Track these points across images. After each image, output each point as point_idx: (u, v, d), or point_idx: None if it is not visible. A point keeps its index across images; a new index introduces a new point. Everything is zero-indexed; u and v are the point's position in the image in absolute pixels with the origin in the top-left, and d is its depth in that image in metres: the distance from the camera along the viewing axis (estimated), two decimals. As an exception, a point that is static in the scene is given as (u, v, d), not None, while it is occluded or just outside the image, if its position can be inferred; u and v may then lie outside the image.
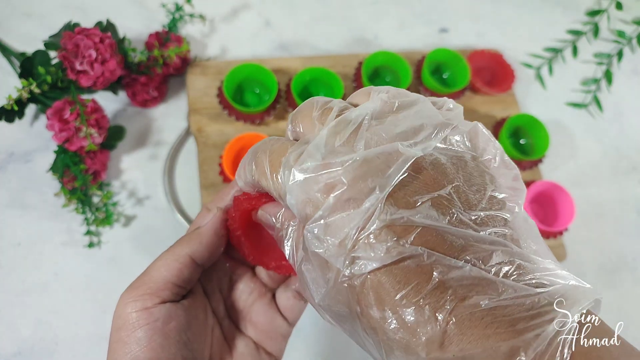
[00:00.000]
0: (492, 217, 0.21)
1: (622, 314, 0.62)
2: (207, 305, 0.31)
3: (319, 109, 0.24)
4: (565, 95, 0.75)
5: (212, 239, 0.29)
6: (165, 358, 0.26)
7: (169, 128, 0.62)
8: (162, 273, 0.28)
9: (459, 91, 0.66)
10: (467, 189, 0.22)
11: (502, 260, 0.20)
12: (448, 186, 0.21)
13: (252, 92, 0.62)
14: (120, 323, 0.27)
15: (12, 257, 0.53)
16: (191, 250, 0.29)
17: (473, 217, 0.21)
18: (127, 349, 0.26)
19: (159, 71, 0.59)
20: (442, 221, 0.20)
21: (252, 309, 0.32)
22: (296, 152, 0.23)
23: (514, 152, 0.62)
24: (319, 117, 0.24)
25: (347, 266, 0.20)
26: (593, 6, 0.81)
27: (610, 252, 0.65)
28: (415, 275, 0.19)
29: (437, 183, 0.21)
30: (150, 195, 0.58)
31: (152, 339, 0.26)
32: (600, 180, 0.69)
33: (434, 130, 0.23)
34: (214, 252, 0.30)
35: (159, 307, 0.27)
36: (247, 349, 0.32)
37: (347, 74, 0.66)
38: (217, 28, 0.69)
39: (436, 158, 0.22)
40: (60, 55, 0.52)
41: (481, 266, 0.20)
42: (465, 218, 0.21)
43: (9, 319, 0.51)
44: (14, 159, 0.57)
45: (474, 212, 0.21)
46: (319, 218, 0.21)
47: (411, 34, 0.74)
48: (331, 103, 0.24)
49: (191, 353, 0.28)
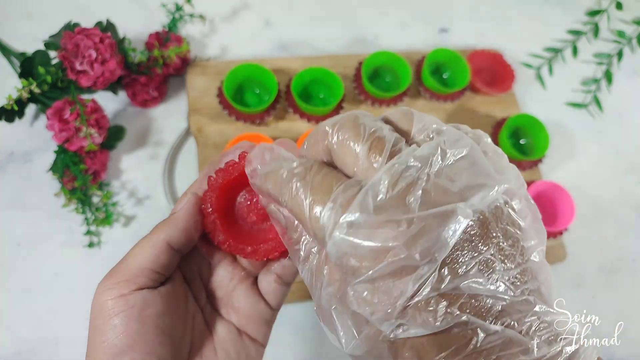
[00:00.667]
0: (525, 271, 0.21)
1: (622, 315, 0.62)
2: (187, 291, 0.31)
3: (367, 139, 0.22)
4: (565, 95, 0.75)
5: (187, 223, 0.29)
6: (142, 344, 0.26)
7: (169, 128, 0.62)
8: (139, 259, 0.27)
9: (459, 91, 0.66)
10: (505, 244, 0.21)
11: (534, 320, 0.21)
12: (492, 247, 0.21)
13: (252, 92, 0.62)
14: (96, 312, 0.27)
15: (12, 257, 0.53)
16: (167, 236, 0.28)
17: (511, 276, 0.21)
18: (103, 337, 0.26)
19: (159, 71, 0.59)
20: (487, 285, 0.20)
21: (234, 295, 0.32)
22: (345, 195, 0.21)
23: (514, 152, 0.62)
24: (368, 151, 0.22)
25: (393, 331, 0.20)
26: (593, 6, 0.81)
27: (610, 252, 0.65)
28: (456, 340, 0.20)
29: (484, 242, 0.21)
30: (150, 195, 0.58)
31: (128, 325, 0.26)
32: (600, 180, 0.69)
33: (494, 192, 0.21)
34: (190, 237, 0.29)
35: (135, 294, 0.27)
36: (230, 334, 0.31)
37: (347, 74, 0.66)
38: (217, 28, 0.69)
39: (482, 213, 0.21)
40: (60, 55, 0.52)
41: (515, 327, 0.20)
42: (505, 280, 0.21)
43: (9, 319, 0.51)
44: (14, 158, 0.57)
45: (512, 270, 0.21)
46: (367, 280, 0.20)
47: (411, 34, 0.74)
48: (380, 131, 0.22)
49: (169, 339, 0.27)
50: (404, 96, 0.65)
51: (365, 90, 0.64)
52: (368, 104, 0.65)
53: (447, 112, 0.67)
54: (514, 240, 0.22)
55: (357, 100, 0.65)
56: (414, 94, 0.68)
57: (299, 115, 0.62)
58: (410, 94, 0.67)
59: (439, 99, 0.66)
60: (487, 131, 0.67)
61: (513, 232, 0.22)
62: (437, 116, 0.67)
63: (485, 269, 0.20)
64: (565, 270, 0.63)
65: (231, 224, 0.30)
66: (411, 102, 0.67)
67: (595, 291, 0.63)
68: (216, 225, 0.29)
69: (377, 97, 0.63)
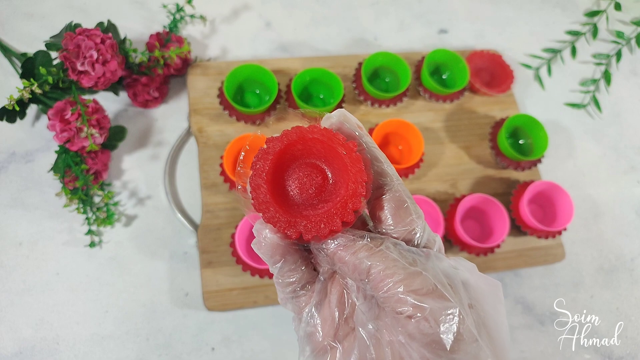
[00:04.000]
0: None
1: (621, 314, 0.62)
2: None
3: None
4: (564, 95, 0.75)
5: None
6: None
7: (169, 128, 0.62)
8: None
9: (458, 92, 0.67)
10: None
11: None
12: None
13: (252, 92, 0.62)
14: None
15: (14, 257, 0.54)
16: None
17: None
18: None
19: (159, 72, 0.60)
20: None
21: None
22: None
23: (513, 153, 0.62)
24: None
25: None
26: (592, 7, 0.81)
27: (609, 252, 0.66)
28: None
29: None
30: (151, 195, 0.58)
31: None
32: (599, 180, 0.70)
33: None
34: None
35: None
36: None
37: (347, 74, 0.66)
38: (218, 29, 0.69)
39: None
40: (62, 55, 0.52)
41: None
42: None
43: (10, 318, 0.51)
44: (15, 159, 0.58)
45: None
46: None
47: (411, 35, 0.74)
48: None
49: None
50: (403, 96, 0.65)
51: (365, 91, 0.64)
52: (368, 105, 0.65)
53: (446, 113, 0.68)
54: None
55: (356, 101, 0.66)
56: (414, 94, 0.68)
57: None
58: (410, 94, 0.67)
59: (438, 100, 0.67)
60: (486, 131, 0.67)
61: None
62: (437, 116, 0.67)
63: None
64: (564, 269, 0.64)
65: (281, 195, 0.28)
66: (411, 102, 0.67)
67: (594, 290, 0.63)
68: (267, 198, 0.27)
69: (377, 97, 0.64)
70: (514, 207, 0.62)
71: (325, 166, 0.28)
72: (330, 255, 0.26)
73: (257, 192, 0.27)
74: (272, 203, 0.26)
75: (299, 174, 0.28)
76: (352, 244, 0.25)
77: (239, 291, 0.54)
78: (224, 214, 0.57)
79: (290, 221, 0.26)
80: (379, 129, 0.59)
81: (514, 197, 0.62)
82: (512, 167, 0.64)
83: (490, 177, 0.65)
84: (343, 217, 0.26)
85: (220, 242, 0.56)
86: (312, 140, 0.27)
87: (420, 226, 0.26)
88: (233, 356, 0.53)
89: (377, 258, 0.24)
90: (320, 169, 0.28)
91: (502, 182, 0.65)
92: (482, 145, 0.67)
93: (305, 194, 0.28)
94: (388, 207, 0.26)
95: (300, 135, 0.27)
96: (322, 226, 0.26)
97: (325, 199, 0.28)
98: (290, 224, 0.26)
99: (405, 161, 0.61)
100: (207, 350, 0.53)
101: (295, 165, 0.28)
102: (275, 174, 0.28)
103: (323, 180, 0.28)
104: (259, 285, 0.55)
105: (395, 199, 0.26)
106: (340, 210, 0.26)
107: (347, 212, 0.26)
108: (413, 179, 0.63)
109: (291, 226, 0.26)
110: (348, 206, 0.26)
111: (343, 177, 0.27)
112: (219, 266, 0.55)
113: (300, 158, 0.28)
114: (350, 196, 0.26)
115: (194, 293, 0.55)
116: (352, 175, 0.26)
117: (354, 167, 0.26)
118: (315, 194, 0.28)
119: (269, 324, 0.55)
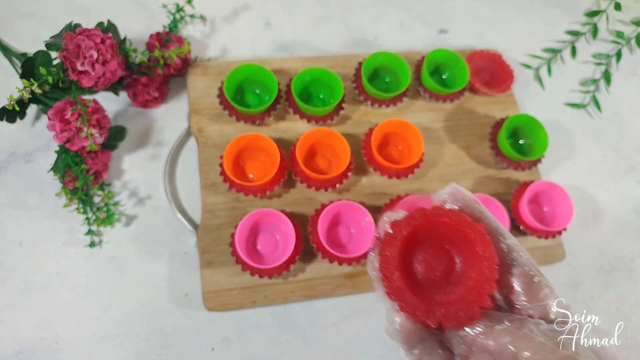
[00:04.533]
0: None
1: (621, 314, 0.62)
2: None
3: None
4: (564, 95, 0.75)
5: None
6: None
7: (169, 128, 0.62)
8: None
9: (458, 92, 0.67)
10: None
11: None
12: None
13: (252, 92, 0.62)
14: None
15: (14, 257, 0.54)
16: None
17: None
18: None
19: (159, 72, 0.60)
20: None
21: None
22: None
23: (513, 153, 0.62)
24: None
25: None
26: (592, 7, 0.81)
27: (609, 252, 0.66)
28: None
29: None
30: (151, 195, 0.59)
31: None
32: (599, 180, 0.70)
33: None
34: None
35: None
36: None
37: (347, 74, 0.66)
38: (218, 29, 0.69)
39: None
40: (62, 55, 0.52)
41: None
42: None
43: (10, 318, 0.51)
44: (15, 159, 0.58)
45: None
46: None
47: (411, 35, 0.74)
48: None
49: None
50: (403, 97, 0.65)
51: (365, 91, 0.64)
52: (368, 105, 0.65)
53: (446, 113, 0.68)
54: None
55: (356, 101, 0.66)
56: (414, 94, 0.68)
57: (299, 115, 0.62)
58: (410, 94, 0.67)
59: (438, 100, 0.67)
60: (486, 131, 0.67)
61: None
62: (437, 116, 0.67)
63: None
64: (564, 270, 0.64)
65: (412, 281, 0.28)
66: (411, 102, 0.67)
67: (594, 291, 0.63)
68: (400, 286, 0.27)
69: (377, 97, 0.64)
70: (514, 207, 0.62)
71: (451, 247, 0.28)
72: (469, 343, 0.25)
73: (390, 280, 0.27)
74: (406, 290, 0.26)
75: (424, 255, 0.28)
76: (490, 330, 0.24)
77: (238, 291, 0.54)
78: (224, 214, 0.57)
79: (429, 310, 0.26)
80: (379, 129, 0.59)
81: (514, 197, 0.62)
82: (512, 167, 0.64)
83: (490, 177, 0.65)
84: (480, 303, 0.25)
85: (220, 242, 0.56)
86: (439, 224, 0.27)
87: (554, 298, 0.25)
88: (233, 356, 0.53)
89: (523, 343, 0.23)
90: (445, 249, 0.28)
91: (502, 182, 0.65)
92: (482, 145, 0.67)
93: (432, 276, 0.28)
94: (519, 284, 0.26)
95: (427, 219, 0.27)
96: (460, 314, 0.25)
97: (454, 282, 0.28)
98: (429, 313, 0.26)
99: (405, 161, 0.61)
100: (207, 350, 0.53)
101: (420, 247, 0.28)
102: (403, 258, 0.28)
103: (449, 262, 0.28)
104: (258, 285, 0.55)
105: (525, 274, 0.26)
106: (476, 296, 0.26)
107: (484, 298, 0.25)
108: (413, 179, 0.63)
109: (430, 315, 0.26)
110: (484, 292, 0.26)
111: (472, 260, 0.27)
112: (219, 266, 0.55)
113: (425, 240, 0.28)
114: (485, 281, 0.26)
115: (193, 293, 0.55)
116: (486, 259, 0.26)
117: (486, 251, 0.26)
118: (442, 276, 0.28)
119: (268, 324, 0.55)
